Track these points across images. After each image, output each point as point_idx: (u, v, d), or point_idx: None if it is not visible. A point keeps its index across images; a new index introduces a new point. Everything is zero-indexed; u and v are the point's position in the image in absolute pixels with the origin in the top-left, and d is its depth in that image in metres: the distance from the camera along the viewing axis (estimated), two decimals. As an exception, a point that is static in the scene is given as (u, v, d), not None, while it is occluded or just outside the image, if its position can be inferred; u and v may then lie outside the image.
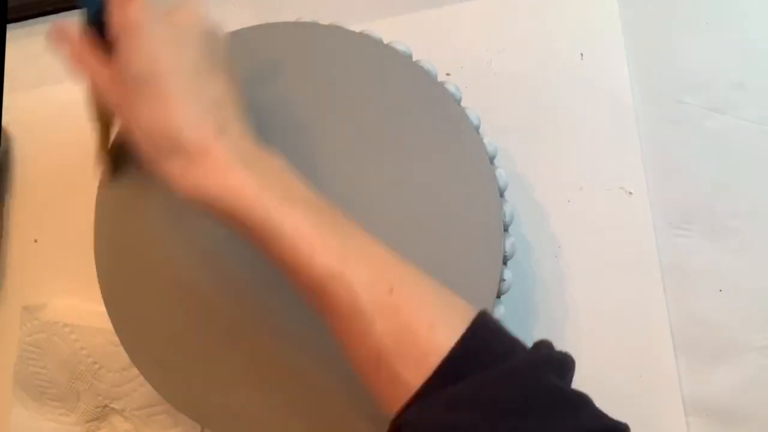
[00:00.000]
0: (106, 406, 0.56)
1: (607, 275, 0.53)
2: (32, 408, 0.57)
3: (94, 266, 0.51)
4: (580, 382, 0.52)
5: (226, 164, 0.37)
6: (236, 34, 0.50)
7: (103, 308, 0.50)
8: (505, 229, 0.47)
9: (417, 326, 0.34)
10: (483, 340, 0.35)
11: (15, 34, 0.61)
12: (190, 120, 0.37)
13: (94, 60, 0.41)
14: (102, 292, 0.50)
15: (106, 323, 0.50)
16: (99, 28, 0.41)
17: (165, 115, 0.37)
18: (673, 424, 0.51)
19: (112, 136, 0.48)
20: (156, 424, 0.56)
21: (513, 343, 0.36)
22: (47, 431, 0.57)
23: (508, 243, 0.47)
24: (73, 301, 0.57)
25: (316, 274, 0.35)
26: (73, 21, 0.42)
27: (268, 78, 0.50)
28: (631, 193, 0.53)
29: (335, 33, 0.49)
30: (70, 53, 0.42)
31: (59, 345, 0.56)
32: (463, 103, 0.49)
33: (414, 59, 0.49)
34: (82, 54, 0.41)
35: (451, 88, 0.48)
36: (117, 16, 0.39)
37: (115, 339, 0.50)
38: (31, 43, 0.61)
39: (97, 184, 0.51)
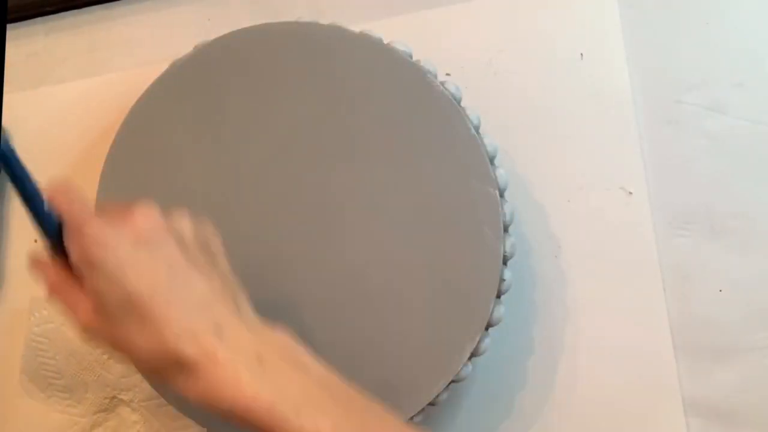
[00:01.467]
0: (114, 397, 0.57)
1: (607, 275, 0.53)
2: (40, 399, 0.57)
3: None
4: (579, 383, 0.52)
5: (231, 374, 0.34)
6: (236, 34, 0.50)
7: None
8: (505, 229, 0.47)
9: None
10: None
11: (15, 34, 0.61)
12: (182, 333, 0.35)
13: (72, 292, 0.37)
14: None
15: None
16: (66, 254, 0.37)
17: (155, 337, 0.35)
18: (673, 424, 0.51)
19: None
20: (164, 415, 0.56)
21: None
22: (55, 422, 0.57)
23: (508, 243, 0.47)
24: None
25: None
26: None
27: (266, 78, 0.50)
28: (631, 193, 0.53)
29: (335, 33, 0.49)
30: (47, 285, 0.38)
31: (68, 335, 0.56)
32: (463, 103, 0.49)
33: (414, 59, 0.49)
34: (58, 286, 0.38)
35: (451, 88, 0.48)
36: (74, 252, 0.36)
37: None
38: (31, 43, 0.61)
39: (97, 183, 0.51)
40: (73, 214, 0.36)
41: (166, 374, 0.36)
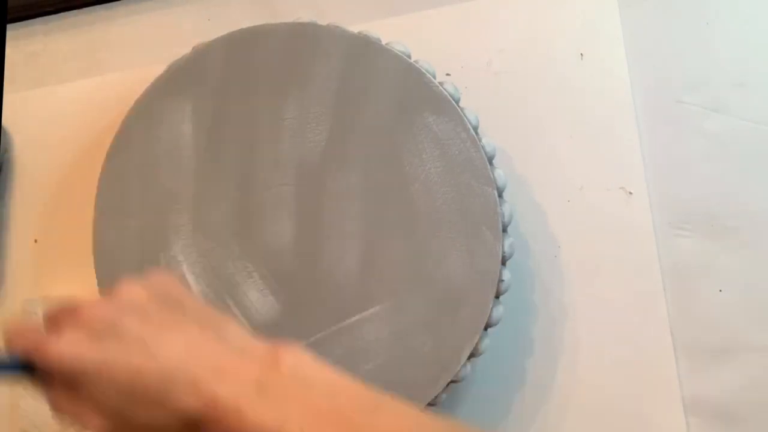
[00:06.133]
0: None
1: (607, 275, 0.52)
2: (40, 398, 0.57)
3: (93, 266, 0.51)
4: (579, 383, 0.52)
5: (234, 412, 0.34)
6: (235, 35, 0.50)
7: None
8: (504, 230, 0.47)
9: None
10: None
11: (15, 34, 0.61)
12: (182, 395, 0.34)
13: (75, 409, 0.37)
14: (100, 293, 0.50)
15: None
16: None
17: (163, 411, 0.35)
18: (673, 424, 0.51)
19: None
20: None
21: None
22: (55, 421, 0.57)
23: (507, 243, 0.47)
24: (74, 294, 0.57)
25: None
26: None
27: (265, 78, 0.50)
28: (631, 193, 0.53)
29: (333, 33, 0.49)
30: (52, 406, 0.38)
31: None
32: (462, 103, 0.49)
33: (413, 59, 0.49)
34: (60, 405, 0.37)
35: (449, 88, 0.48)
36: (52, 379, 0.36)
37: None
38: (31, 43, 0.61)
39: (96, 183, 0.51)
40: (30, 347, 0.36)
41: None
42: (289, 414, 0.34)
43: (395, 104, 0.48)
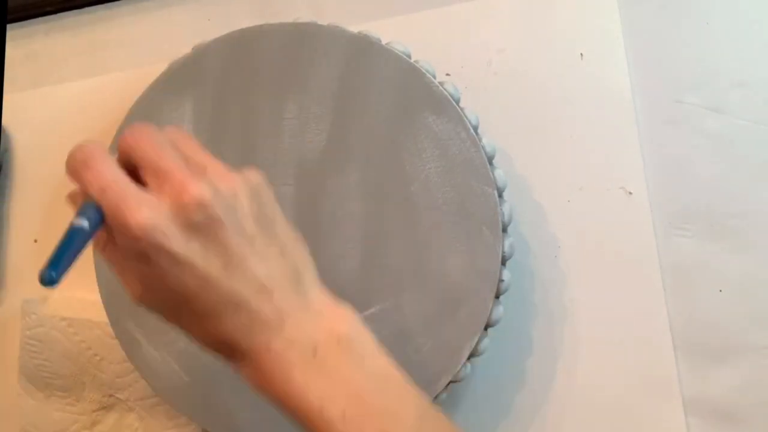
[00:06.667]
0: (111, 395, 0.57)
1: (607, 275, 0.53)
2: (39, 399, 0.57)
3: (93, 266, 0.51)
4: (579, 383, 0.52)
5: (283, 367, 0.34)
6: (235, 35, 0.50)
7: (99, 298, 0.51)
8: (504, 229, 0.47)
9: None
10: None
11: (15, 34, 0.61)
12: (237, 327, 0.34)
13: (121, 261, 0.34)
14: (100, 293, 0.51)
15: (104, 316, 0.51)
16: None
17: (209, 329, 0.34)
18: (673, 424, 0.51)
19: None
20: (160, 414, 0.56)
21: None
22: (55, 421, 0.57)
23: (507, 243, 0.47)
24: (72, 293, 0.57)
25: None
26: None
27: (265, 78, 0.50)
28: (631, 193, 0.53)
29: (333, 33, 0.49)
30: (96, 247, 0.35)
31: (59, 338, 0.56)
32: (462, 103, 0.49)
33: (413, 59, 0.49)
34: (106, 248, 0.35)
35: (449, 88, 0.48)
36: (120, 240, 0.33)
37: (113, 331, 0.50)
38: (31, 43, 0.61)
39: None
40: (115, 208, 0.32)
41: (221, 354, 0.35)
42: (334, 392, 0.34)
43: (395, 104, 0.48)
